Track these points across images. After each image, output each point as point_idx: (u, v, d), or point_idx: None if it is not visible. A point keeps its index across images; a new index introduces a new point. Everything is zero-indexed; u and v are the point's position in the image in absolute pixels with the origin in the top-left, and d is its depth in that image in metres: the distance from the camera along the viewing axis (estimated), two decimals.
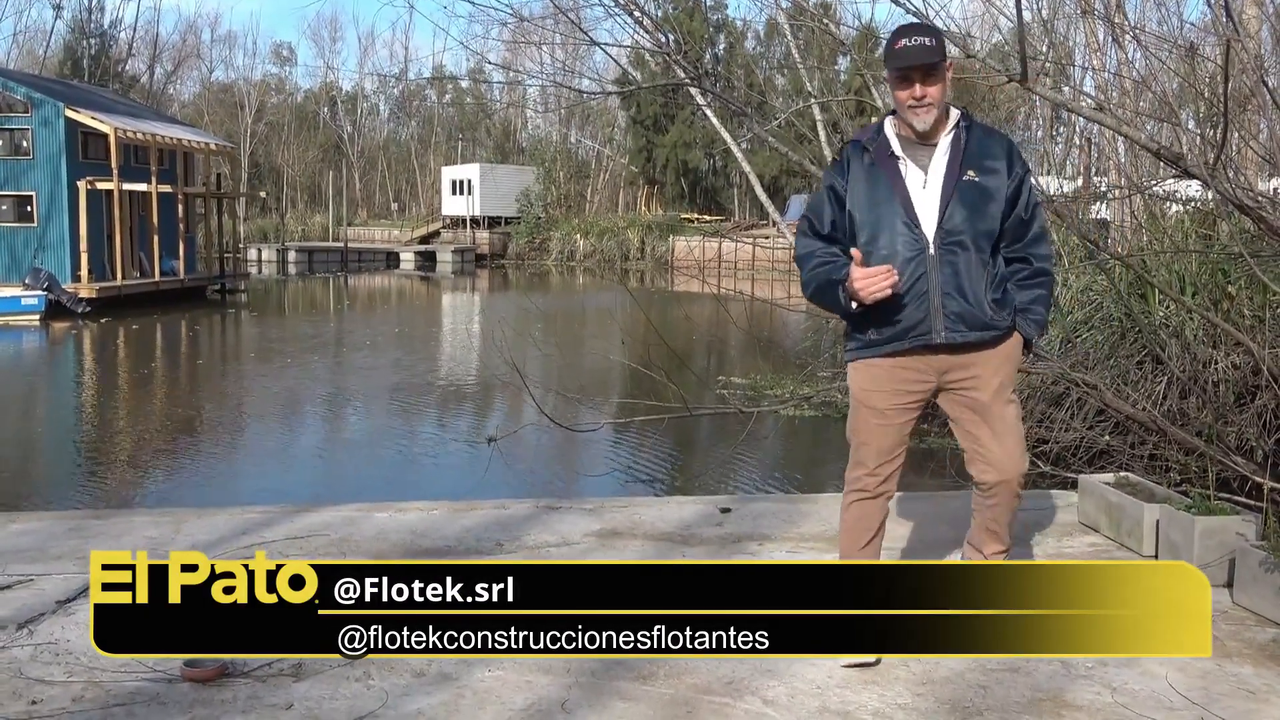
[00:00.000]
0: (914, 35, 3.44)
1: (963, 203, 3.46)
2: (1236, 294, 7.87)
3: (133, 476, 10.30)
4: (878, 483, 3.65)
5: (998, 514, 3.73)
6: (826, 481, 9.63)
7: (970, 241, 3.45)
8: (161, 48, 64.55)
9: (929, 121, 3.45)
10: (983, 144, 3.53)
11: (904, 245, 3.45)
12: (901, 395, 3.60)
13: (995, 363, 3.56)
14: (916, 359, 3.55)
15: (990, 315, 3.49)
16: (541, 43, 15.73)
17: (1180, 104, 11.20)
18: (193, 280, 32.48)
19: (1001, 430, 3.61)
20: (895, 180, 3.49)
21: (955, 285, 3.45)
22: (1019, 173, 3.54)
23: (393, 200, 70.29)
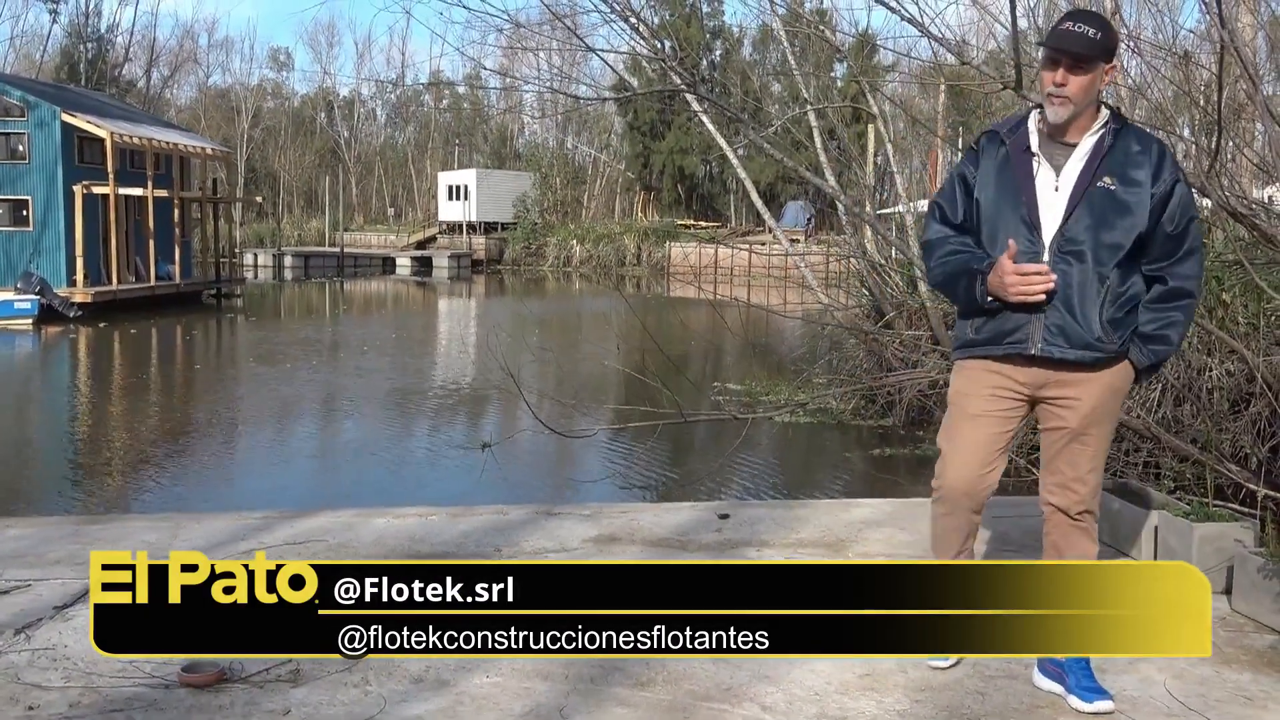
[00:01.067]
0: (1080, 22, 3.22)
1: (1090, 211, 3.23)
2: (1231, 301, 7.89)
3: (128, 481, 10.29)
4: (959, 494, 3.45)
5: (1062, 552, 3.44)
6: (822, 487, 9.65)
7: (1090, 253, 3.22)
8: (158, 52, 64.63)
9: (1063, 115, 3.22)
10: (1128, 150, 3.27)
11: (1020, 246, 3.24)
12: (994, 402, 3.37)
13: (1096, 390, 3.31)
14: (1010, 367, 3.33)
15: (1097, 335, 3.23)
16: (538, 49, 15.76)
17: (1176, 111, 11.23)
18: (188, 285, 32.46)
19: (1085, 460, 3.38)
20: (1025, 178, 3.30)
21: (1063, 297, 3.22)
22: (1168, 182, 3.24)
23: (389, 205, 70.25)
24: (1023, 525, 5.21)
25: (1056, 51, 3.19)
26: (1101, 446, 3.40)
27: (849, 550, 4.90)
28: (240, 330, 27.18)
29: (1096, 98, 3.27)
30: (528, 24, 12.48)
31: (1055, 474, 3.41)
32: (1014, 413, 3.39)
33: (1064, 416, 3.35)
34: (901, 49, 15.33)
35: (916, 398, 10.79)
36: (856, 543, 5.01)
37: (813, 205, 44.19)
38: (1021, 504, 5.81)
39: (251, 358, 20.78)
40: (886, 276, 12.24)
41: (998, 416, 3.38)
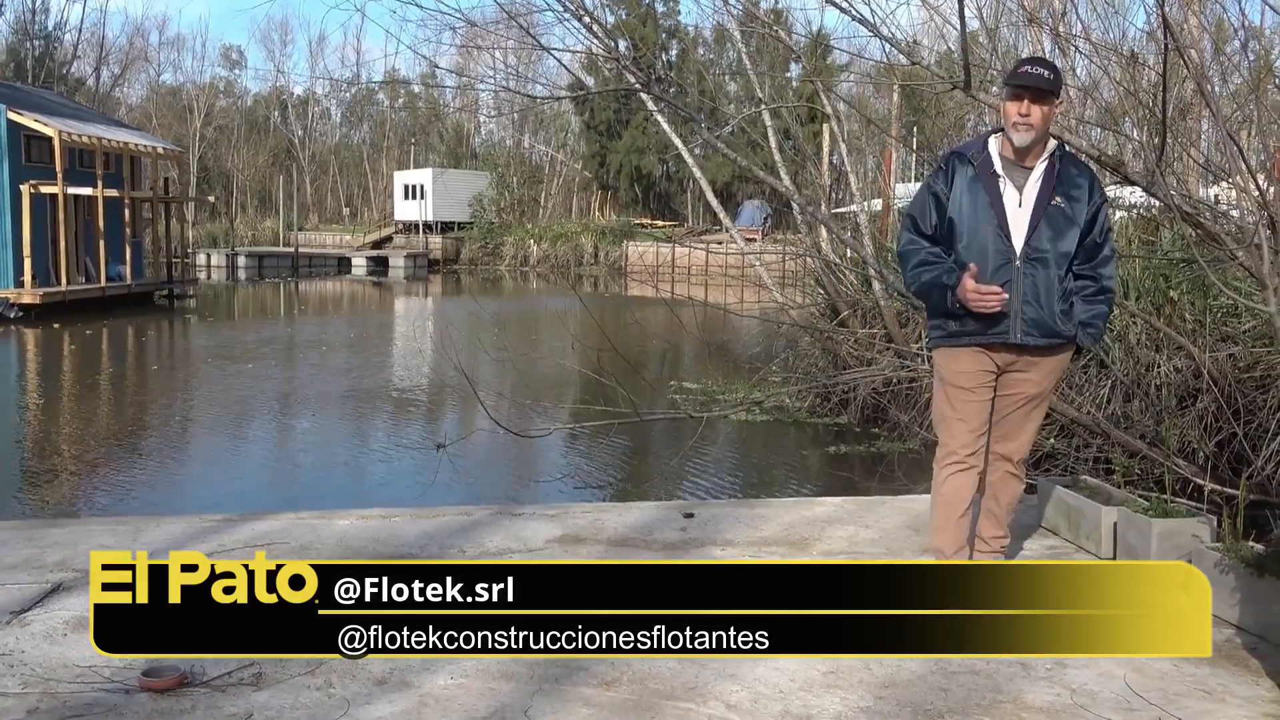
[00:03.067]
0: (1037, 66, 4.01)
1: (1049, 225, 4.01)
2: (1178, 299, 8.03)
3: (82, 485, 10.16)
4: (968, 454, 4.22)
5: (998, 493, 4.33)
6: (780, 485, 9.70)
7: (1051, 259, 4.01)
8: (108, 50, 63.74)
9: (1027, 140, 3.97)
10: (1071, 174, 4.07)
11: (995, 255, 4.02)
12: (981, 377, 4.17)
13: (1049, 367, 4.18)
14: (992, 351, 4.12)
15: (1059, 325, 4.04)
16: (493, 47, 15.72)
17: (1124, 112, 11.40)
18: (140, 286, 32.02)
19: (1031, 421, 4.26)
20: (994, 196, 4.03)
21: (1034, 295, 4.01)
22: (1097, 201, 4.07)
23: (344, 205, 69.72)
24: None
25: (1021, 88, 3.94)
26: (1044, 411, 4.34)
27: (812, 548, 4.93)
28: (193, 331, 26.87)
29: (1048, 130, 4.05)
30: (482, 23, 12.46)
31: (1005, 432, 4.26)
32: (993, 385, 4.20)
33: (1023, 388, 4.18)
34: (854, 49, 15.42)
35: (871, 395, 10.88)
36: (820, 541, 5.04)
37: (769, 205, 44.32)
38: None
39: (205, 359, 20.56)
40: (841, 275, 12.32)
41: (985, 389, 4.19)
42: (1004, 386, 4.20)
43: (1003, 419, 4.23)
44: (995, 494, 4.33)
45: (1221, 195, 9.32)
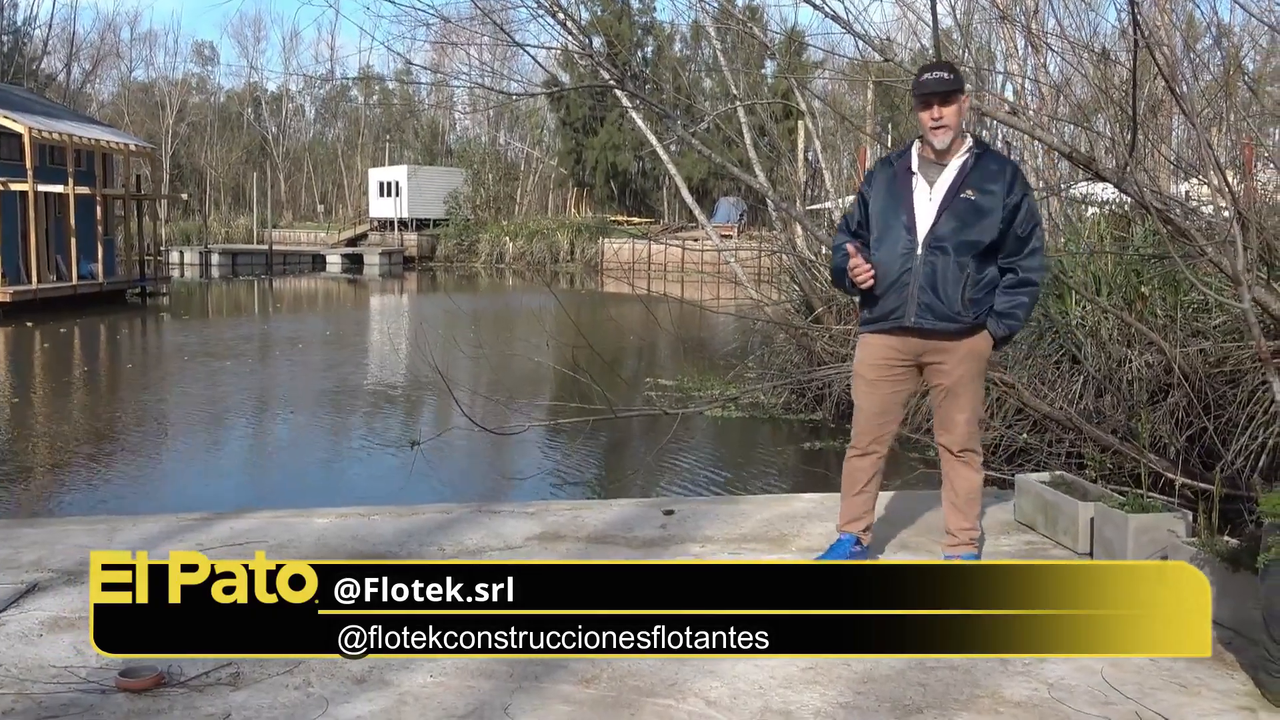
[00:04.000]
0: (934, 70, 4.22)
1: (954, 216, 4.16)
2: (1149, 295, 8.08)
3: (56, 483, 10.09)
4: (867, 441, 4.43)
5: (952, 483, 4.45)
6: (756, 481, 9.73)
7: (952, 248, 4.15)
8: (79, 46, 63.14)
9: (946, 140, 4.17)
10: (987, 169, 4.20)
11: (900, 245, 4.21)
12: (885, 368, 4.35)
13: (961, 354, 4.27)
14: (896, 338, 4.29)
15: (956, 310, 4.17)
16: (469, 44, 15.67)
17: (1096, 109, 11.48)
18: (112, 284, 31.78)
19: (958, 409, 4.35)
20: (906, 191, 4.24)
21: (930, 282, 4.17)
22: (1018, 194, 4.19)
23: (319, 202, 69.39)
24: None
25: (928, 95, 4.14)
26: (970, 398, 4.38)
27: (791, 545, 4.94)
28: (166, 329, 26.70)
29: (963, 126, 4.26)
30: (456, 19, 12.43)
31: (940, 421, 4.44)
32: (902, 375, 4.38)
33: (940, 378, 4.35)
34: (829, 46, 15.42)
35: (845, 392, 10.91)
36: (799, 537, 5.05)
37: (744, 202, 44.43)
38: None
39: (179, 357, 20.42)
40: (816, 272, 12.36)
41: (889, 379, 4.37)
42: (927, 378, 4.40)
43: (936, 409, 4.42)
44: (951, 484, 4.46)
45: (1192, 192, 9.41)
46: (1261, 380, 6.60)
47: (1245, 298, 4.88)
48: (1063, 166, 11.31)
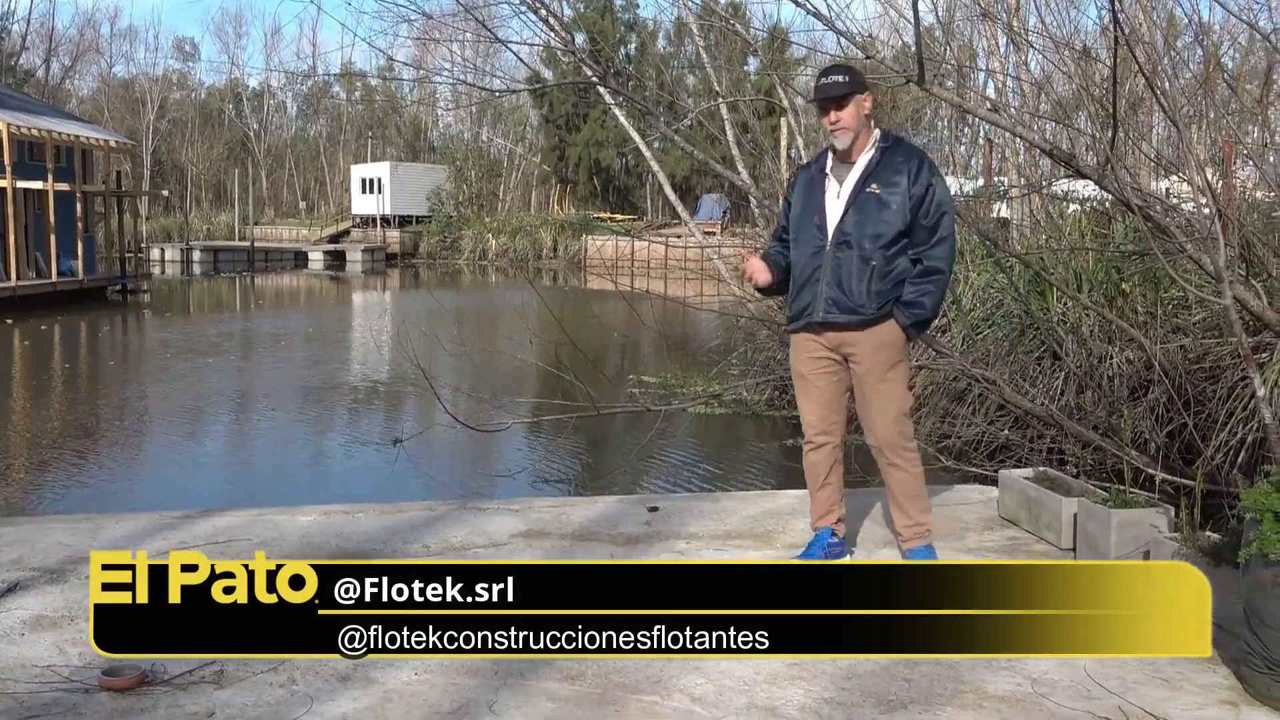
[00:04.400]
0: (830, 74, 4.32)
1: (859, 211, 4.26)
2: (1130, 291, 8.14)
3: (37, 481, 10.04)
4: (816, 434, 4.49)
5: (890, 486, 4.48)
6: (739, 477, 9.75)
7: (856, 243, 4.25)
8: (58, 41, 62.73)
9: (846, 141, 4.28)
10: (892, 161, 4.29)
11: (812, 243, 4.34)
12: (812, 363, 4.44)
13: (871, 346, 4.33)
14: (813, 334, 4.40)
15: (860, 303, 4.26)
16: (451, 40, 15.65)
17: (1077, 106, 11.53)
18: (92, 281, 31.60)
19: (876, 404, 4.37)
20: (818, 192, 4.37)
21: (836, 277, 4.28)
22: (924, 184, 4.25)
23: (301, 199, 69.12)
24: (943, 515, 5.31)
25: (824, 101, 4.26)
26: (888, 395, 4.38)
27: (777, 541, 4.95)
28: (148, 326, 26.57)
29: (869, 123, 4.34)
30: (438, 16, 12.40)
31: (864, 421, 4.46)
32: (831, 368, 4.44)
33: (854, 369, 4.40)
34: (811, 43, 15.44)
35: None
36: (784, 533, 5.06)
37: (728, 199, 44.46)
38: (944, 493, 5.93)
39: (161, 354, 20.33)
40: None
41: (820, 373, 4.45)
42: (852, 375, 4.43)
43: (859, 408, 4.45)
44: (888, 485, 4.51)
45: (1173, 189, 9.46)
46: (1241, 376, 6.65)
47: (1227, 295, 4.92)
48: (1044, 164, 11.35)
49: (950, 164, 17.35)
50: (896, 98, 15.15)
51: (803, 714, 3.21)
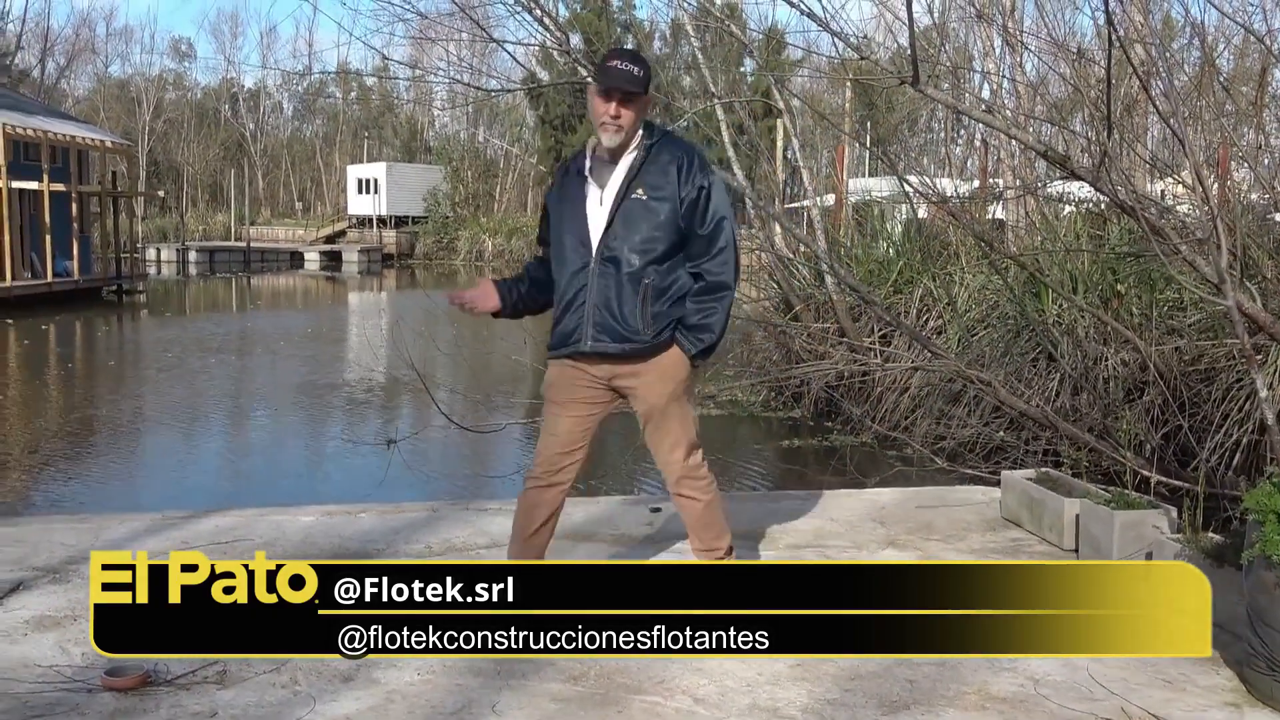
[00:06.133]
0: (626, 62, 3.67)
1: (624, 221, 3.67)
2: (1125, 293, 8.16)
3: (34, 482, 10.04)
4: (552, 472, 3.89)
5: (682, 514, 3.99)
6: (735, 479, 9.76)
7: (624, 258, 3.66)
8: (53, 41, 62.77)
9: (617, 140, 3.66)
10: (658, 161, 3.69)
11: (575, 259, 3.72)
12: (571, 392, 3.84)
13: (652, 378, 3.77)
14: (581, 362, 3.79)
15: (635, 329, 3.67)
16: (447, 40, 15.65)
17: (1072, 108, 11.56)
18: (88, 281, 31.59)
19: (665, 441, 3.86)
20: (579, 198, 3.75)
21: (604, 299, 3.68)
22: (696, 185, 3.68)
23: (297, 199, 69.13)
24: (946, 516, 5.34)
25: (611, 88, 3.62)
26: (675, 426, 3.86)
27: (780, 541, 4.95)
28: (144, 326, 26.55)
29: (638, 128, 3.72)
30: (434, 15, 12.42)
31: (655, 457, 3.96)
32: (594, 404, 3.87)
33: (635, 402, 3.86)
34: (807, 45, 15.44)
35: (824, 389, 10.97)
36: (785, 534, 5.07)
37: None
38: (946, 494, 5.96)
39: (158, 353, 20.32)
40: (794, 270, 12.41)
41: (580, 402, 3.85)
42: (630, 405, 3.92)
43: (646, 443, 3.95)
44: (682, 518, 4.03)
45: (1168, 190, 9.49)
46: (1236, 378, 6.68)
47: (1230, 298, 4.93)
48: (1039, 165, 11.40)
49: (946, 165, 17.39)
50: (892, 99, 15.18)
51: (805, 715, 3.21)
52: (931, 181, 11.03)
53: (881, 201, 13.98)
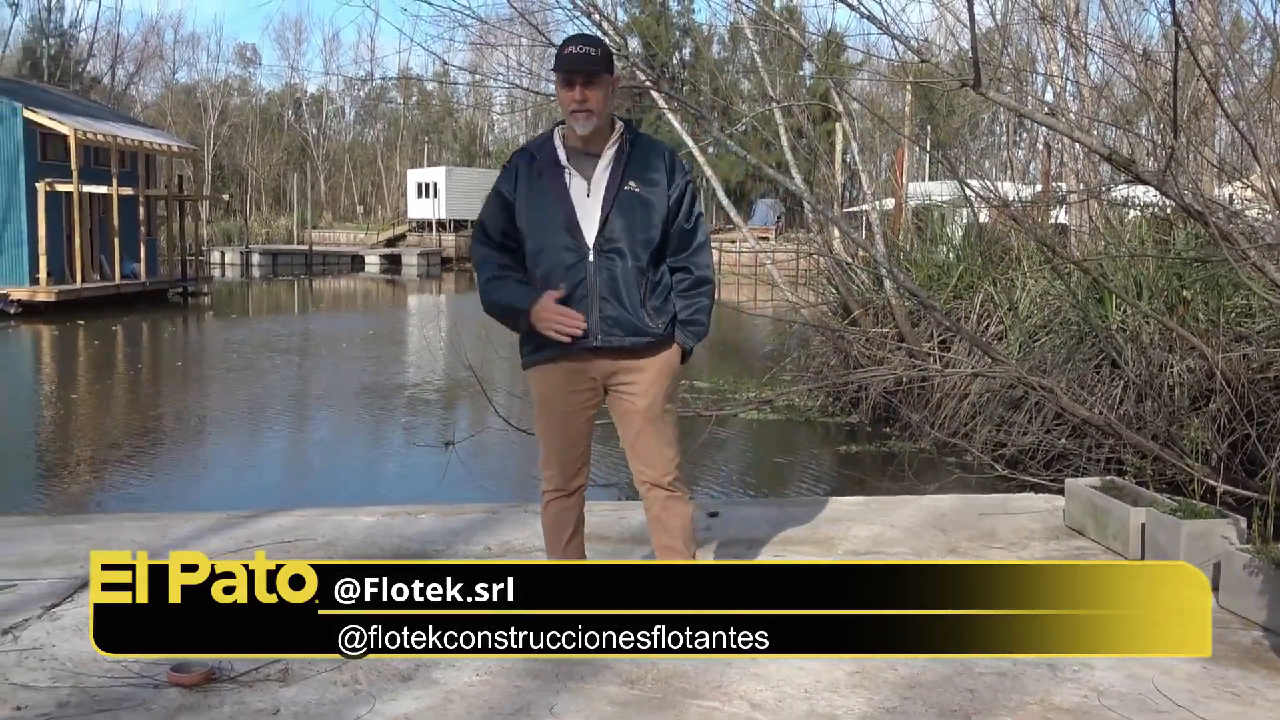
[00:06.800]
0: (581, 44, 3.63)
1: (622, 213, 3.62)
2: (1192, 299, 8.03)
3: (105, 479, 10.25)
4: (569, 478, 3.85)
5: (666, 523, 3.82)
6: (791, 484, 9.73)
7: (628, 250, 3.62)
8: (123, 48, 64.03)
9: (589, 127, 3.59)
10: (645, 156, 3.69)
11: (566, 253, 3.62)
12: (577, 396, 3.76)
13: (653, 374, 3.73)
14: (581, 362, 3.70)
15: (645, 322, 3.65)
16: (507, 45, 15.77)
17: (1138, 110, 11.40)
18: (154, 283, 32.18)
19: (658, 438, 3.77)
20: (559, 189, 3.64)
21: (612, 291, 3.62)
22: (680, 184, 3.69)
23: (358, 203, 69.91)
24: (1008, 524, 5.28)
25: (570, 73, 3.55)
26: (672, 422, 3.81)
27: (838, 548, 4.92)
28: (209, 328, 27.00)
29: (612, 110, 3.67)
30: (493, 20, 12.52)
31: (640, 456, 3.80)
32: (592, 401, 3.79)
33: (632, 401, 3.74)
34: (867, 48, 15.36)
35: (882, 395, 10.91)
36: (844, 540, 5.03)
37: (782, 203, 44.37)
38: (1008, 501, 5.90)
39: (224, 354, 20.67)
40: (853, 274, 12.35)
41: (582, 408, 3.78)
42: (613, 406, 3.82)
43: (633, 442, 3.80)
44: (664, 525, 3.83)
45: (1236, 195, 9.33)
46: None
47: None
48: (1103, 169, 11.24)
49: (1009, 169, 17.21)
50: (953, 102, 15.06)
51: None
52: (993, 185, 10.93)
53: (942, 205, 13.87)
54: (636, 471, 3.84)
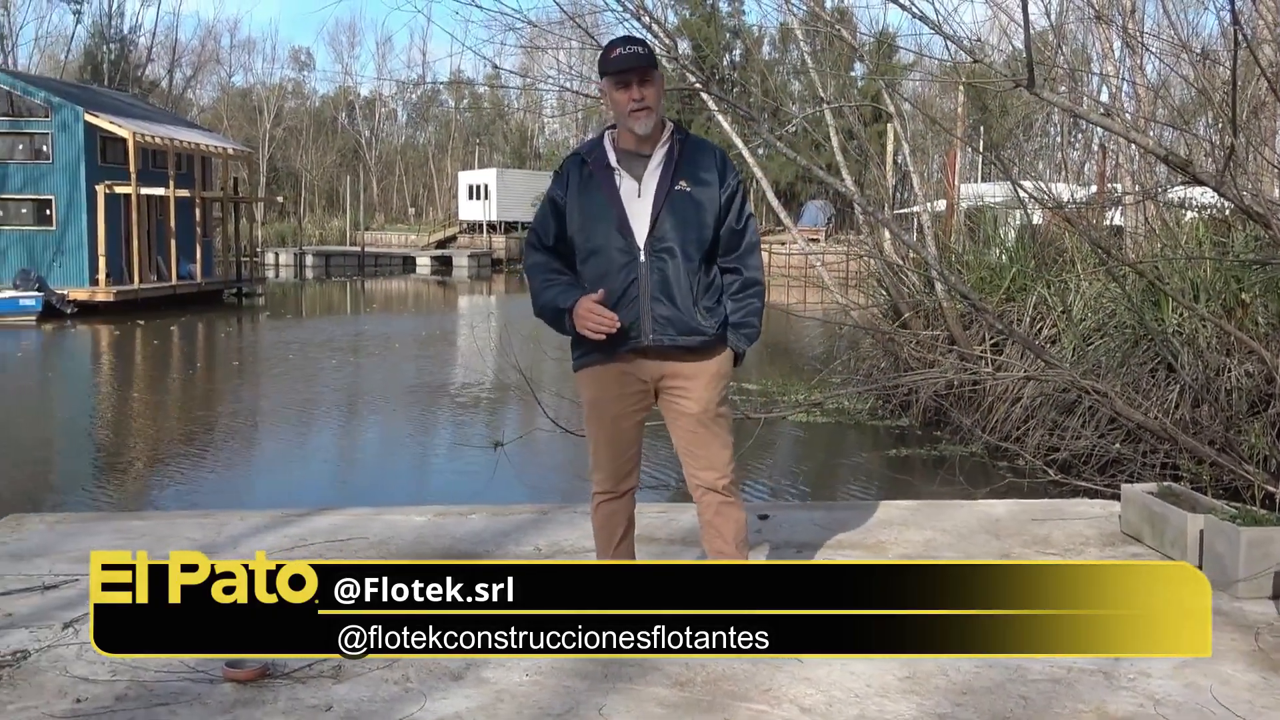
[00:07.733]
0: (629, 45, 3.64)
1: (673, 212, 3.58)
2: (1250, 302, 7.90)
3: (162, 476, 10.44)
4: (620, 479, 3.82)
5: (720, 528, 3.78)
6: (841, 487, 9.70)
7: (679, 249, 3.58)
8: (181, 53, 65.03)
9: (649, 125, 3.58)
10: (695, 156, 3.66)
11: (617, 254, 3.59)
12: (628, 399, 3.72)
13: (706, 378, 3.68)
14: (631, 365, 3.67)
15: (698, 321, 3.60)
16: (557, 48, 15.84)
17: (1195, 111, 11.23)
18: (210, 284, 32.68)
19: (716, 441, 3.74)
20: (610, 190, 3.62)
21: (664, 291, 3.58)
22: (731, 184, 3.66)
23: (410, 204, 70.50)
24: (1064, 531, 5.22)
25: (624, 73, 3.55)
26: (726, 425, 3.78)
27: (889, 551, 4.89)
28: (263, 328, 27.35)
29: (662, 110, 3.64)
30: (543, 24, 12.57)
31: (697, 459, 3.75)
32: (643, 404, 3.76)
33: (685, 405, 3.69)
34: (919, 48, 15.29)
35: (932, 398, 10.83)
36: (895, 544, 4.99)
37: (832, 205, 44.15)
38: (1062, 507, 5.83)
39: (277, 354, 20.95)
40: (903, 277, 12.28)
41: (632, 411, 3.75)
42: (665, 409, 3.78)
43: (687, 446, 3.76)
44: (718, 530, 3.79)
45: None
46: None
47: None
48: (1159, 170, 11.09)
49: (1063, 170, 17.04)
50: (1006, 103, 14.93)
51: None
52: (1047, 187, 10.82)
53: (994, 207, 13.75)
54: (690, 475, 3.80)
